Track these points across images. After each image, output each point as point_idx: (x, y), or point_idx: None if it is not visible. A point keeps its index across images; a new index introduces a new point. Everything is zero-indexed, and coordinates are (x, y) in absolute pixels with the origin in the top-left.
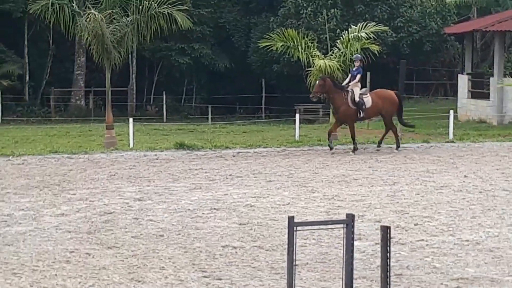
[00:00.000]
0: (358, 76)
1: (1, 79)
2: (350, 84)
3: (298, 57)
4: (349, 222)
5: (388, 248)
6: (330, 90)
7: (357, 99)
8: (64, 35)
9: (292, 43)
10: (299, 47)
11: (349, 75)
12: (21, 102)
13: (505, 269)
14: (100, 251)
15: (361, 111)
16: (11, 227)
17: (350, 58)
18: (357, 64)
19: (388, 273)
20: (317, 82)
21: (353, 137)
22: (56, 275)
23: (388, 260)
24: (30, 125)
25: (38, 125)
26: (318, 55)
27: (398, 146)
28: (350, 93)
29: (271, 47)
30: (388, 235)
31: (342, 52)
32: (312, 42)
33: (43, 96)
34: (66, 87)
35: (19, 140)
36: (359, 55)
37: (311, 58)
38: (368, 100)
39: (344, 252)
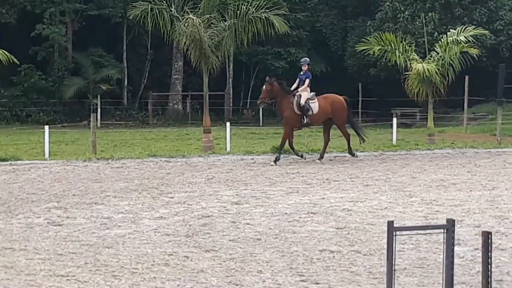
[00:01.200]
0: (307, 81)
1: (100, 84)
2: (299, 89)
3: (396, 61)
4: (449, 227)
5: (489, 253)
6: (277, 94)
7: (302, 103)
8: (162, 40)
9: (389, 47)
10: (397, 51)
11: (297, 80)
12: (120, 106)
13: None
14: (198, 254)
15: (305, 117)
16: (111, 229)
17: (449, 62)
18: (304, 68)
19: (489, 279)
20: (263, 87)
21: (281, 145)
22: (155, 277)
23: (489, 266)
24: (128, 129)
25: (136, 129)
26: (416, 59)
27: (321, 157)
28: (296, 98)
29: (368, 51)
30: (490, 241)
31: (440, 56)
32: (409, 46)
33: (141, 100)
34: (164, 91)
35: (118, 143)
36: (307, 59)
37: (408, 62)
38: (315, 106)
39: (444, 258)
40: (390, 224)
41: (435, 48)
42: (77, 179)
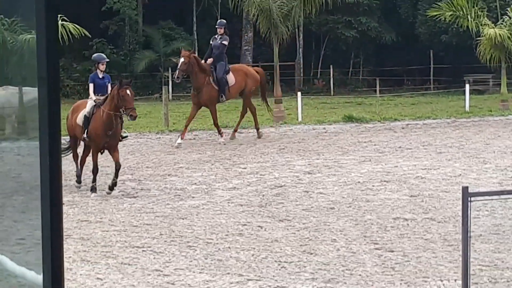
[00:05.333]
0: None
1: (171, 57)
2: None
3: (467, 26)
4: None
5: None
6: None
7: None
8: (231, 11)
9: (461, 12)
10: (469, 16)
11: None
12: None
13: None
14: (272, 224)
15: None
16: (185, 201)
17: None
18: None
19: None
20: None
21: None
22: (229, 247)
23: None
24: None
25: None
26: (488, 24)
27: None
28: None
29: (440, 17)
30: None
31: None
32: (482, 11)
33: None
34: (234, 62)
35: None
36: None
37: (480, 27)
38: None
39: None
40: (464, 189)
41: (507, 12)
42: (150, 151)
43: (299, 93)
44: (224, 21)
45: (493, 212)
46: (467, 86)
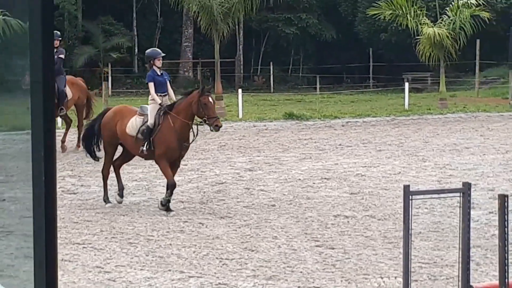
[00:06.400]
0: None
1: (111, 52)
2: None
3: (407, 25)
4: (465, 190)
5: (506, 216)
6: None
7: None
8: (172, 7)
9: (400, 11)
10: (408, 15)
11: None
12: (131, 74)
13: None
14: (213, 220)
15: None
16: (126, 197)
17: (460, 26)
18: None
19: (506, 242)
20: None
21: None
22: (170, 244)
23: (506, 228)
24: (140, 97)
25: (147, 97)
26: (427, 23)
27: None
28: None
29: (379, 15)
30: (506, 204)
31: (451, 20)
32: (421, 10)
33: None
34: (174, 58)
35: None
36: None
37: (420, 26)
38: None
39: (460, 221)
40: (406, 188)
41: (446, 11)
42: None
43: (239, 90)
44: (59, 33)
45: (433, 209)
46: (406, 84)
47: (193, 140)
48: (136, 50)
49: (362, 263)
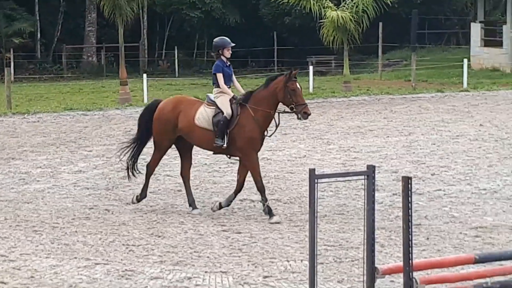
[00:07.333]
0: None
1: (13, 37)
2: None
3: (310, 8)
4: (370, 173)
5: (409, 198)
6: None
7: None
8: None
9: None
10: None
11: None
12: (33, 59)
13: None
14: (119, 207)
15: None
16: (30, 185)
17: (363, 9)
18: None
19: (410, 224)
20: None
21: None
22: (76, 231)
23: (409, 210)
24: (43, 83)
25: (50, 83)
26: (331, 7)
27: None
28: None
29: None
30: (410, 186)
31: (354, 3)
32: None
33: (54, 53)
34: (78, 43)
35: (33, 98)
36: None
37: (323, 10)
38: None
39: (365, 204)
40: (311, 172)
41: None
42: None
43: (144, 75)
44: None
45: (338, 192)
46: (311, 67)
47: (274, 131)
48: (39, 35)
49: (269, 247)
